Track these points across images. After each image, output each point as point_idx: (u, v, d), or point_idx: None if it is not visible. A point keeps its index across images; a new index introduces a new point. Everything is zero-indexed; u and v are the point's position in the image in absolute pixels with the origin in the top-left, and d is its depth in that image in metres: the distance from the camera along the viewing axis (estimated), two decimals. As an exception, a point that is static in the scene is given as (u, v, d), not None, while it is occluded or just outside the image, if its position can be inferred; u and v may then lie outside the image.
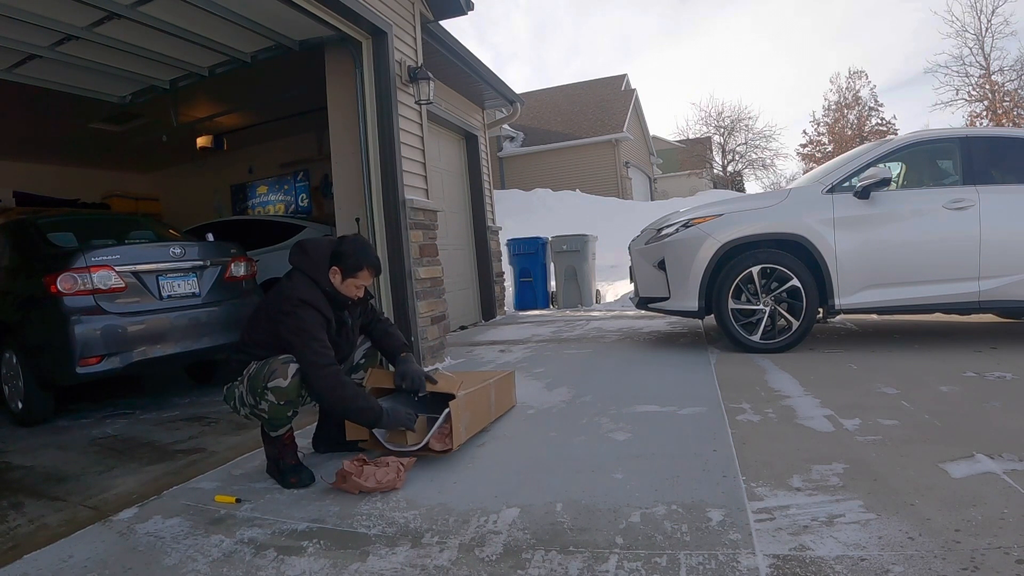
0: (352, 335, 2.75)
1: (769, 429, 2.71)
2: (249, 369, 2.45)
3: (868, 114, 30.84)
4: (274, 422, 2.45)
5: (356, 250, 2.57)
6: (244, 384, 2.45)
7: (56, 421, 3.96)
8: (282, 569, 1.79)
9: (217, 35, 4.82)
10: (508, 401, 3.35)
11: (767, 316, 4.31)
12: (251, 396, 2.41)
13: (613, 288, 9.66)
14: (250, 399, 2.42)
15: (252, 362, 2.47)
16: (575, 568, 1.67)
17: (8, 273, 4.13)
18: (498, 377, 3.21)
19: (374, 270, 2.61)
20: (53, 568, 1.89)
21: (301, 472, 2.48)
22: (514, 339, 5.98)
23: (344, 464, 2.31)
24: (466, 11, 5.67)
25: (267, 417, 2.43)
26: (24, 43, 4.68)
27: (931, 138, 4.57)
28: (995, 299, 4.13)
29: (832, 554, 1.63)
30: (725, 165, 30.08)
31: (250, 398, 2.42)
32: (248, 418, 2.51)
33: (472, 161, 8.06)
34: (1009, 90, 23.99)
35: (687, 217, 4.63)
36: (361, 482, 2.24)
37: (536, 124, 20.92)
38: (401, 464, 2.34)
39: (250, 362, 2.47)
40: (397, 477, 2.29)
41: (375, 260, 2.63)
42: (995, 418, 2.67)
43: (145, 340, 3.87)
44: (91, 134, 7.34)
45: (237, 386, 2.49)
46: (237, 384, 2.49)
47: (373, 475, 2.26)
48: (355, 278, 2.56)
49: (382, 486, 2.25)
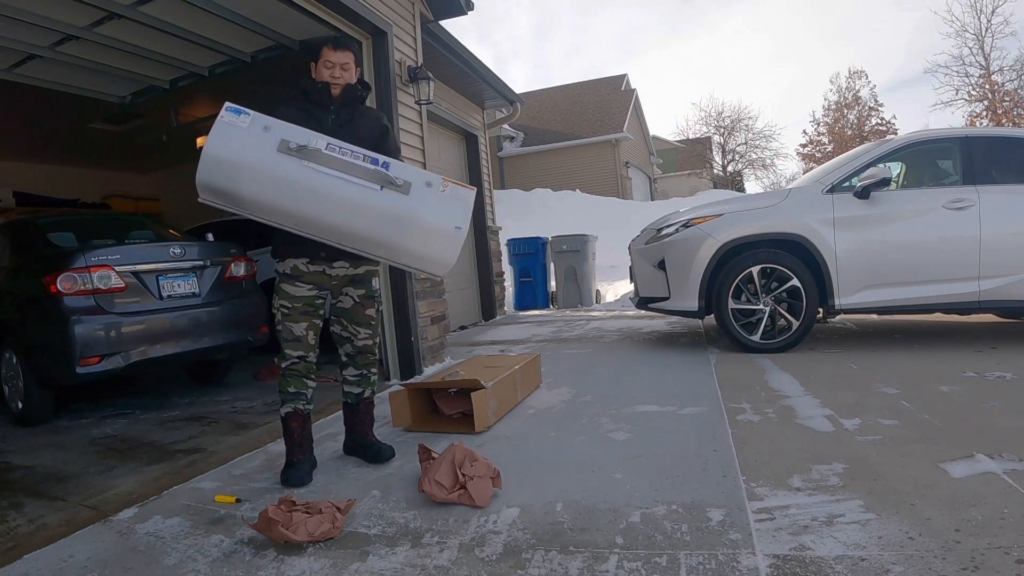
0: (334, 136, 2.43)
1: (769, 429, 2.71)
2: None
3: (868, 114, 30.85)
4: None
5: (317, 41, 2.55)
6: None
7: (56, 421, 3.96)
8: (282, 569, 1.79)
9: (217, 35, 4.82)
10: (535, 381, 3.83)
11: (767, 316, 4.31)
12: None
13: (613, 288, 9.66)
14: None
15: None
16: (575, 568, 1.67)
17: (8, 273, 4.13)
18: (524, 362, 3.65)
19: (331, 43, 2.52)
20: (53, 568, 1.89)
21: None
22: (514, 339, 5.98)
23: (268, 509, 1.95)
24: (466, 11, 5.67)
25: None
26: (24, 43, 4.68)
27: (931, 138, 4.57)
28: (995, 299, 4.13)
29: (832, 554, 1.63)
30: (725, 165, 30.06)
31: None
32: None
33: (472, 161, 8.06)
34: (1009, 90, 23.99)
35: (687, 217, 4.63)
36: (288, 533, 1.88)
37: (536, 124, 20.92)
38: (337, 510, 2.01)
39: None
40: (333, 527, 1.94)
41: (327, 36, 2.59)
42: (995, 418, 2.67)
43: (145, 340, 3.87)
44: (91, 134, 7.34)
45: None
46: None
47: (304, 524, 1.91)
48: (320, 59, 2.51)
49: (314, 538, 1.90)
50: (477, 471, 2.15)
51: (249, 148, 2.19)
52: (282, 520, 1.93)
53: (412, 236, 2.27)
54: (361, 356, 2.66)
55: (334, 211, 2.23)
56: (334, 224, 2.26)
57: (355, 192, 2.22)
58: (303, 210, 2.24)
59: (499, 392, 3.16)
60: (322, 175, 2.20)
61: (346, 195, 2.22)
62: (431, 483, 2.15)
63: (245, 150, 2.19)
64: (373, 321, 2.63)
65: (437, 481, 2.14)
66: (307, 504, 2.04)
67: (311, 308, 2.49)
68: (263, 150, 2.19)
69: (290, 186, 2.19)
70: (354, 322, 2.60)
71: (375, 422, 2.79)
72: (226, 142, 2.20)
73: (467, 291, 7.77)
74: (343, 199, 2.22)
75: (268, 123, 2.24)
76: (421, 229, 2.26)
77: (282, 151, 2.19)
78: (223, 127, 2.20)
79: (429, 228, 2.26)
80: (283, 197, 2.21)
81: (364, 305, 2.60)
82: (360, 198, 2.22)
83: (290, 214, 2.25)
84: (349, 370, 2.69)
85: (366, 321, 2.61)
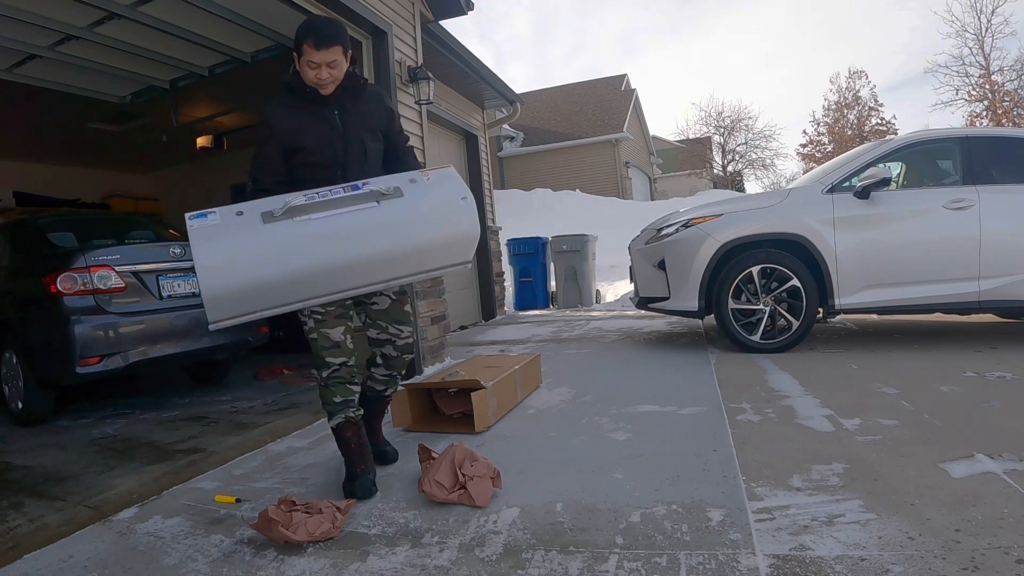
0: (347, 133, 2.30)
1: (769, 429, 2.71)
2: None
3: (868, 114, 30.87)
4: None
5: (298, 29, 2.23)
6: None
7: (56, 421, 3.96)
8: (282, 569, 1.79)
9: (217, 35, 4.82)
10: (535, 381, 3.83)
11: (767, 316, 4.31)
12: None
13: (613, 288, 9.66)
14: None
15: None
16: (575, 568, 1.67)
17: (8, 273, 4.13)
18: (524, 362, 3.64)
19: (312, 40, 2.16)
20: (53, 568, 1.89)
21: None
22: (514, 339, 5.98)
23: (268, 509, 1.95)
24: (466, 11, 5.68)
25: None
26: (24, 43, 4.69)
27: (931, 138, 4.57)
28: (995, 299, 4.13)
29: (832, 554, 1.63)
30: (725, 165, 30.07)
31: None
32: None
33: (472, 161, 8.06)
34: (1009, 90, 24.01)
35: (687, 217, 4.63)
36: (288, 533, 1.89)
37: (536, 124, 20.92)
38: (337, 510, 2.01)
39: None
40: (333, 527, 1.95)
41: (308, 27, 2.21)
42: (995, 418, 2.67)
43: (145, 340, 3.88)
44: (91, 134, 7.34)
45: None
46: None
47: (304, 524, 1.92)
48: (302, 56, 2.20)
49: (314, 538, 1.91)
50: (477, 471, 2.15)
51: (234, 237, 2.04)
52: (282, 520, 1.92)
53: (429, 228, 2.18)
54: (399, 359, 2.51)
55: (349, 246, 2.11)
56: (358, 259, 2.12)
57: (358, 218, 2.12)
58: (321, 262, 2.09)
59: (499, 392, 3.16)
60: (319, 220, 2.09)
61: (351, 225, 2.10)
62: (431, 483, 2.15)
63: (233, 241, 2.03)
64: (410, 317, 2.51)
65: (437, 481, 2.14)
66: (307, 504, 2.04)
67: (344, 310, 2.31)
68: (249, 230, 2.04)
69: (296, 245, 2.05)
70: (396, 321, 2.46)
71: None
72: (208, 245, 2.02)
73: (467, 291, 7.78)
74: (351, 230, 2.10)
75: (239, 208, 2.10)
76: (433, 217, 2.19)
77: (269, 221, 2.06)
78: (197, 235, 2.01)
79: (439, 213, 2.20)
80: (295, 260, 2.05)
81: (401, 302, 2.48)
82: (365, 221, 2.12)
83: (312, 273, 2.09)
84: (379, 370, 2.55)
85: (406, 318, 2.48)
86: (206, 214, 2.06)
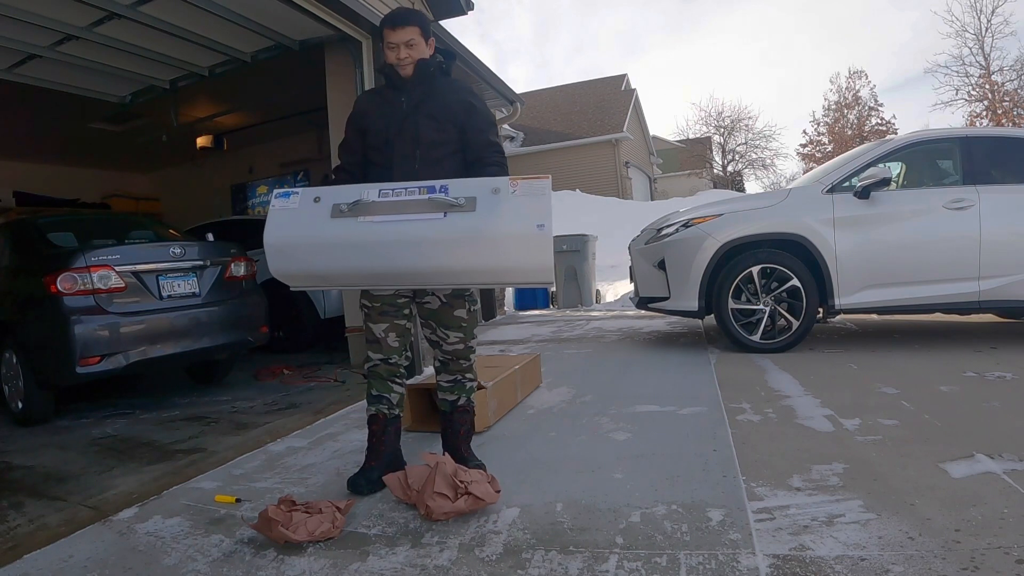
0: (405, 116, 2.30)
1: (769, 429, 2.71)
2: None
3: (868, 114, 30.85)
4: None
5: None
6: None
7: (56, 421, 3.96)
8: (282, 569, 1.79)
9: (217, 35, 4.83)
10: (535, 381, 3.83)
11: (767, 316, 4.31)
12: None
13: (613, 288, 9.66)
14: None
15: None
16: (575, 568, 1.67)
17: (8, 273, 4.13)
18: (524, 362, 3.65)
19: (388, 22, 2.29)
20: (53, 568, 1.89)
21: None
22: (514, 339, 5.98)
23: (268, 509, 1.95)
24: (466, 11, 5.69)
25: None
26: (24, 43, 4.69)
27: (931, 138, 4.58)
28: (995, 299, 4.13)
29: (832, 554, 1.63)
30: (725, 165, 30.06)
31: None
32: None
33: (472, 161, 8.04)
34: (1009, 90, 24.01)
35: (687, 217, 4.63)
36: (288, 533, 1.89)
37: (536, 124, 20.92)
38: (337, 510, 2.00)
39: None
40: (333, 527, 1.95)
41: (387, 14, 2.36)
42: (995, 418, 2.67)
43: (145, 340, 3.88)
44: (91, 134, 7.35)
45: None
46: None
47: (303, 524, 1.92)
48: (383, 41, 2.31)
49: (314, 538, 1.91)
50: (473, 477, 2.09)
51: (302, 225, 2.15)
52: (282, 520, 1.91)
53: (492, 253, 2.05)
54: (453, 363, 2.44)
55: (404, 255, 2.08)
56: (412, 268, 2.11)
57: (418, 229, 2.07)
58: (377, 265, 2.12)
59: (499, 392, 3.16)
60: (380, 224, 2.09)
61: (410, 235, 2.07)
62: (433, 497, 2.02)
63: (298, 229, 2.15)
64: (464, 323, 2.39)
65: (439, 493, 2.03)
66: (307, 504, 2.03)
67: (391, 308, 2.31)
68: (316, 222, 2.13)
69: (352, 246, 2.11)
70: (442, 325, 2.38)
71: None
72: (278, 228, 2.16)
73: (467, 291, 7.76)
74: (409, 241, 2.07)
75: (319, 193, 2.18)
76: (498, 242, 2.03)
77: (335, 216, 2.12)
78: (275, 215, 2.18)
79: (507, 237, 2.03)
80: (352, 259, 2.13)
81: (452, 305, 2.36)
82: (425, 233, 2.06)
83: (370, 273, 2.16)
84: (442, 376, 2.48)
85: (456, 323, 2.38)
86: (289, 194, 2.21)
